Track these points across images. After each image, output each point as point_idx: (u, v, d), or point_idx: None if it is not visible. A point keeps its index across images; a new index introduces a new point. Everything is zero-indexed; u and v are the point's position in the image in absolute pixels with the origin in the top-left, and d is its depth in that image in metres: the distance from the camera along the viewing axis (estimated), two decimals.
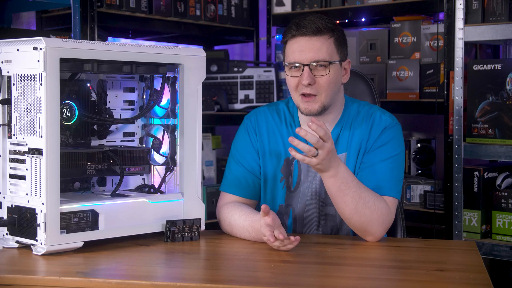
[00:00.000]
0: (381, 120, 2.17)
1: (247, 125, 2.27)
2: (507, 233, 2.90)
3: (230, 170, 2.24)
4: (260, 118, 2.26)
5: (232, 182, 2.22)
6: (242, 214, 2.10)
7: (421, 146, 3.44)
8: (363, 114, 2.20)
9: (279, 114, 2.25)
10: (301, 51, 2.09)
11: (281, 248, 1.92)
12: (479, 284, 1.66)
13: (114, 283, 1.65)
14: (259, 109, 2.29)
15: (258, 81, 3.68)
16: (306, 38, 2.09)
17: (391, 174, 2.12)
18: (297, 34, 2.10)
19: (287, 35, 2.13)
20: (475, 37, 2.95)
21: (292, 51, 2.11)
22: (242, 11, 3.81)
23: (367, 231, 2.06)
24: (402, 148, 2.17)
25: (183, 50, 2.12)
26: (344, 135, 2.18)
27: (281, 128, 2.23)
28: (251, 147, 2.23)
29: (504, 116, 2.87)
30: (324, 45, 2.09)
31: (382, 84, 3.39)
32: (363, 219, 2.03)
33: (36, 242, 1.86)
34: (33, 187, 1.87)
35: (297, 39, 2.10)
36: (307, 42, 2.09)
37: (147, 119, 2.25)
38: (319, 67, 2.09)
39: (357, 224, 2.05)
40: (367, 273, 1.78)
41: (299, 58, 2.09)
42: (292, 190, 2.20)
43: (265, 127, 2.24)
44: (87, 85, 2.10)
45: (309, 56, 2.08)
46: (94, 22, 3.05)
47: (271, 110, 2.27)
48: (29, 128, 1.87)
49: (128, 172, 2.13)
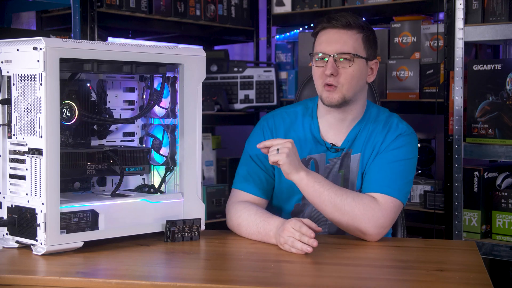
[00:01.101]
0: (398, 128, 2.20)
1: (263, 126, 2.28)
2: (507, 233, 2.90)
3: (243, 168, 2.25)
4: (277, 119, 2.28)
5: (245, 180, 2.22)
6: (256, 213, 2.10)
7: (421, 146, 3.44)
8: (382, 119, 2.22)
9: (297, 116, 2.27)
10: (328, 42, 2.14)
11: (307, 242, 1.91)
12: (479, 284, 1.66)
13: (114, 283, 1.65)
14: (276, 111, 2.32)
15: (258, 81, 3.68)
16: (335, 30, 2.15)
17: (398, 175, 2.12)
18: (327, 26, 2.16)
19: (317, 27, 2.19)
20: (475, 37, 2.95)
21: (319, 42, 2.17)
22: (242, 11, 3.81)
23: (358, 229, 2.06)
24: (414, 155, 2.19)
25: (183, 50, 2.12)
26: (361, 136, 2.20)
27: (298, 129, 2.25)
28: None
29: (504, 116, 2.87)
30: (351, 39, 2.14)
31: (382, 84, 3.39)
32: (346, 217, 2.04)
33: (36, 242, 1.86)
34: (33, 187, 1.87)
35: (326, 31, 2.17)
36: (335, 34, 2.15)
37: (147, 119, 2.25)
38: (343, 60, 2.13)
39: (343, 223, 2.06)
40: (367, 273, 1.78)
41: (325, 49, 2.14)
42: None
43: (282, 129, 2.26)
44: (87, 85, 2.10)
45: (335, 47, 2.13)
46: (94, 22, 3.05)
47: (288, 112, 2.30)
48: (29, 128, 1.87)
49: (128, 172, 2.13)
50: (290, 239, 1.92)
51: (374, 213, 2.05)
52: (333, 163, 2.21)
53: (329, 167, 2.20)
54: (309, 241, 1.89)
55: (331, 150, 2.20)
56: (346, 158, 2.20)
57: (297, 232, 1.91)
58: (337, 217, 2.06)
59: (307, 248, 1.89)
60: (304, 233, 1.90)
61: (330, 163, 2.21)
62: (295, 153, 2.06)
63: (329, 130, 2.22)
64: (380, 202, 2.07)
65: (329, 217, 2.08)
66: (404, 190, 2.13)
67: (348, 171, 2.19)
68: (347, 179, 2.19)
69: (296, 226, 1.92)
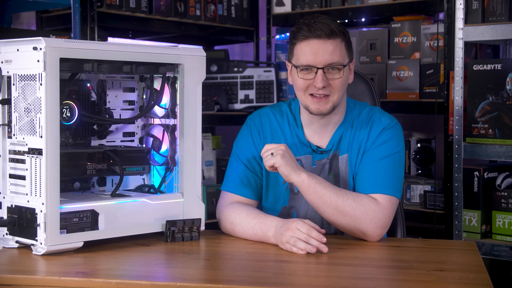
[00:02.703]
0: (380, 122, 2.18)
1: (250, 126, 2.27)
2: (507, 233, 2.90)
3: (232, 170, 2.24)
4: (264, 119, 2.26)
5: (234, 182, 2.22)
6: (249, 213, 2.10)
7: (421, 146, 3.44)
8: (363, 116, 2.20)
9: (282, 116, 2.25)
10: (315, 54, 2.07)
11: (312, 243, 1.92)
12: (479, 284, 1.66)
13: (114, 283, 1.65)
14: (262, 110, 2.29)
15: (258, 81, 3.68)
16: (320, 41, 2.07)
17: (389, 172, 2.11)
18: (310, 36, 2.08)
19: (298, 37, 2.10)
20: (475, 37, 2.95)
21: (304, 53, 2.09)
22: (242, 11, 3.81)
23: (360, 230, 2.05)
24: (401, 147, 2.17)
25: (183, 50, 2.12)
26: (346, 137, 2.19)
27: (284, 130, 2.24)
28: (254, 147, 2.23)
29: (504, 116, 2.86)
30: (337, 48, 2.09)
31: (382, 84, 3.39)
32: (348, 219, 2.04)
33: (36, 242, 1.85)
34: (33, 187, 1.87)
35: (310, 42, 2.08)
36: (321, 45, 2.07)
37: (147, 119, 2.25)
38: (333, 70, 2.09)
39: (345, 224, 2.05)
40: (367, 273, 1.78)
41: (313, 61, 2.08)
42: (296, 193, 2.20)
43: (268, 128, 2.24)
44: (87, 85, 2.10)
45: (323, 59, 2.07)
46: (94, 22, 3.05)
47: (274, 111, 2.27)
48: (29, 128, 1.87)
49: (128, 172, 2.13)
50: (292, 239, 1.92)
51: (375, 214, 2.05)
52: (320, 165, 2.20)
53: (316, 169, 2.19)
54: (320, 245, 1.90)
55: (317, 152, 2.20)
56: (335, 160, 2.19)
57: (303, 233, 1.92)
58: (339, 219, 2.05)
59: (311, 248, 1.89)
60: (315, 238, 1.91)
61: (316, 165, 2.20)
62: (290, 155, 2.06)
63: (313, 134, 2.21)
64: (379, 202, 2.06)
65: (330, 219, 2.07)
66: (398, 185, 2.13)
67: (338, 173, 2.19)
68: (338, 181, 2.18)
69: (304, 229, 1.92)
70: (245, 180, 2.21)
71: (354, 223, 2.04)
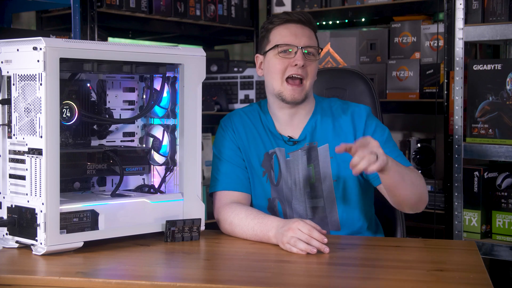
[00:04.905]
0: (360, 110, 2.23)
1: (223, 127, 2.31)
2: (507, 233, 2.90)
3: (218, 170, 2.26)
4: (235, 118, 2.31)
5: (223, 180, 2.23)
6: (249, 214, 2.10)
7: (421, 146, 3.44)
8: (338, 105, 2.26)
9: (253, 112, 2.30)
10: (294, 35, 2.17)
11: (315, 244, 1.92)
12: (479, 284, 1.66)
13: (114, 283, 1.65)
14: (232, 112, 2.35)
15: (258, 81, 3.68)
16: (299, 25, 2.19)
17: (397, 149, 2.20)
18: (289, 20, 2.19)
19: (274, 22, 2.20)
20: (475, 37, 2.95)
21: (283, 35, 2.18)
22: (242, 11, 3.81)
23: (422, 200, 2.12)
24: (382, 123, 2.28)
25: (183, 50, 2.12)
26: (321, 127, 2.23)
27: (256, 124, 2.28)
28: (233, 144, 2.26)
29: (504, 116, 2.86)
30: (312, 34, 2.21)
31: (382, 84, 3.39)
32: (418, 190, 2.09)
33: (36, 242, 1.86)
34: (33, 187, 1.87)
35: (288, 25, 2.19)
36: (300, 28, 2.19)
37: (147, 119, 2.25)
38: (309, 55, 2.17)
39: (415, 196, 2.10)
40: (367, 273, 1.78)
41: (294, 41, 2.16)
42: (275, 184, 2.23)
43: (241, 125, 2.28)
44: (87, 85, 2.10)
45: (303, 40, 2.17)
46: (94, 22, 3.05)
47: (245, 110, 2.33)
48: (29, 128, 1.87)
49: (128, 172, 2.13)
50: (293, 239, 1.92)
51: (424, 181, 2.13)
52: (295, 157, 2.22)
53: (291, 161, 2.22)
54: (321, 246, 1.90)
55: (288, 143, 2.22)
56: (313, 151, 2.21)
57: (304, 234, 1.92)
58: (412, 191, 2.08)
59: (311, 249, 1.89)
60: (316, 238, 1.91)
61: (290, 157, 2.22)
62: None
63: (285, 126, 2.24)
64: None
65: (403, 193, 2.07)
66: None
67: (317, 163, 2.21)
68: (318, 172, 2.21)
69: (305, 229, 1.92)
70: (233, 175, 2.23)
71: (420, 194, 2.10)
